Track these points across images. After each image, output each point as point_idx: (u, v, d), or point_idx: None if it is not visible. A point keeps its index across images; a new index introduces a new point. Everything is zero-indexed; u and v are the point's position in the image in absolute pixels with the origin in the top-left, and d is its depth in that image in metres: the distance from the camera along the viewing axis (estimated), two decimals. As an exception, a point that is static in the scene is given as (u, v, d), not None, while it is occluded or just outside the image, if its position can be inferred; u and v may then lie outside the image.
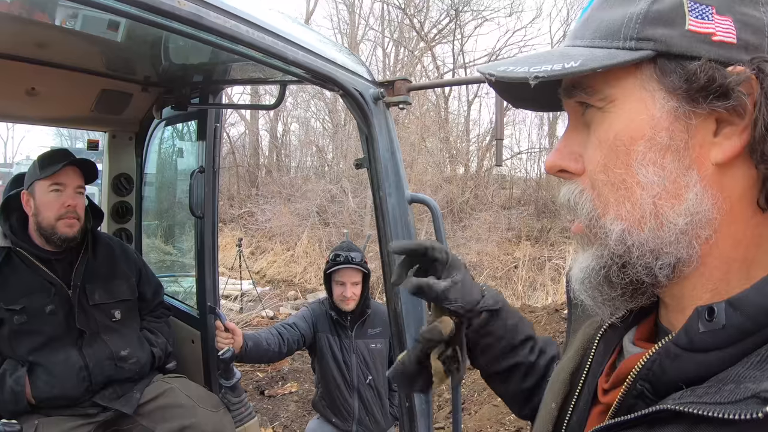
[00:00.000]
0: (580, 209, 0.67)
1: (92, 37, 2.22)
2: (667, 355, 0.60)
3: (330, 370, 3.15)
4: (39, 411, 2.32)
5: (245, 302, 10.20)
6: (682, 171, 0.60)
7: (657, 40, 0.60)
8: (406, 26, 17.79)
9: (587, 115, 0.67)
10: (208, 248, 2.87)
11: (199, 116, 2.84)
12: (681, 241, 0.61)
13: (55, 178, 2.39)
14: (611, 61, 0.60)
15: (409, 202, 1.99)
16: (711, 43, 0.58)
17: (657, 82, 0.61)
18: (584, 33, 0.66)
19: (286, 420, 5.71)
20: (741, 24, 0.59)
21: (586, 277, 0.68)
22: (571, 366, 0.84)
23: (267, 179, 18.37)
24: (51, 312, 2.37)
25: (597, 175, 0.65)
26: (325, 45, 1.81)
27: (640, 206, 0.62)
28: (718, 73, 0.57)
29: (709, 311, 0.57)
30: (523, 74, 0.62)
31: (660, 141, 0.60)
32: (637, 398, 0.63)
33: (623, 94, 0.63)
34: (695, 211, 0.59)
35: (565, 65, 0.61)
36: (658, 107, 0.61)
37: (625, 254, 0.63)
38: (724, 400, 0.51)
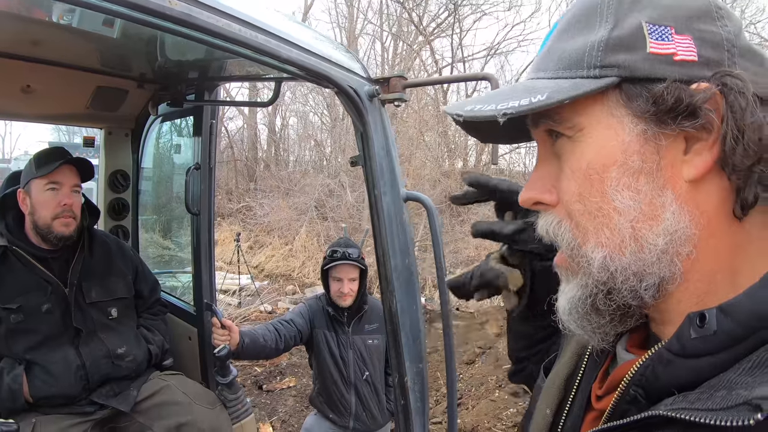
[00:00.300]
0: (560, 240, 0.68)
1: (87, 33, 2.21)
2: (660, 360, 0.61)
3: (327, 366, 3.15)
4: (36, 409, 2.33)
5: (243, 297, 10.21)
6: (656, 192, 0.61)
7: (620, 66, 0.61)
8: (404, 20, 17.73)
9: (557, 145, 0.67)
10: (205, 245, 2.86)
11: (195, 113, 2.83)
12: (663, 261, 0.61)
13: (51, 176, 2.39)
14: (577, 91, 0.61)
15: (404, 200, 1.99)
16: (673, 63, 0.59)
17: (624, 107, 0.61)
18: (547, 65, 0.67)
19: (284, 415, 5.72)
20: (700, 41, 0.60)
21: (573, 307, 0.68)
22: (565, 372, 0.84)
23: (265, 173, 18.34)
24: (47, 311, 2.37)
25: (573, 206, 0.65)
26: (319, 42, 1.81)
27: (618, 231, 0.62)
28: (684, 92, 0.58)
29: (701, 317, 0.58)
30: (491, 112, 0.62)
31: (632, 165, 0.61)
32: (630, 404, 0.63)
33: (591, 122, 0.63)
34: (674, 229, 0.60)
35: (532, 99, 0.61)
36: (627, 132, 0.61)
37: (610, 280, 0.64)
38: (716, 407, 0.51)
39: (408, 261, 1.97)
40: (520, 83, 0.69)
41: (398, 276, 1.93)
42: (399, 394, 1.95)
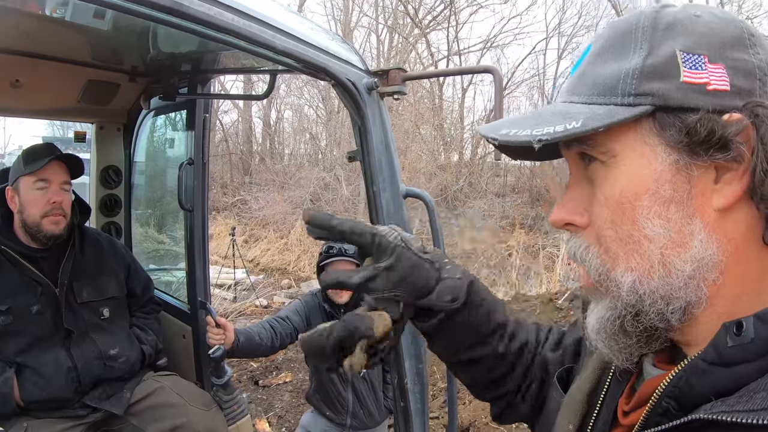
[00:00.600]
0: (588, 265, 0.69)
1: (78, 26, 2.15)
2: (694, 371, 0.61)
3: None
4: (28, 413, 2.28)
5: (239, 291, 10.17)
6: (686, 220, 0.62)
7: (654, 95, 0.61)
8: (400, 12, 17.62)
9: (590, 169, 0.68)
10: (198, 241, 2.81)
11: (188, 106, 2.77)
12: (690, 286, 0.62)
13: (40, 174, 2.33)
14: (611, 119, 0.61)
15: (404, 197, 1.94)
16: (706, 93, 0.60)
17: (657, 136, 0.62)
18: (581, 89, 0.67)
19: (281, 410, 5.69)
20: (733, 70, 0.60)
21: (602, 327, 0.70)
22: (588, 387, 0.84)
23: (260, 167, 18.26)
24: (38, 312, 2.32)
25: (605, 232, 0.67)
26: (316, 33, 1.75)
27: (648, 257, 0.63)
28: (717, 124, 0.58)
29: (738, 326, 0.59)
30: (526, 138, 0.63)
31: (664, 194, 0.62)
32: (662, 416, 0.63)
33: (625, 149, 0.64)
34: (701, 256, 0.61)
35: (567, 126, 0.62)
36: (659, 161, 0.62)
37: (638, 303, 0.65)
38: (757, 407, 0.53)
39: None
40: (555, 106, 0.69)
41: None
42: (398, 395, 1.91)
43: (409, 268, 0.89)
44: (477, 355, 1.00)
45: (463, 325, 0.96)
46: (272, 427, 5.36)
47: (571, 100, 0.68)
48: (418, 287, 0.90)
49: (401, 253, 0.89)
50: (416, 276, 0.90)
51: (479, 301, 0.97)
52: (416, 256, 0.91)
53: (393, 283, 0.88)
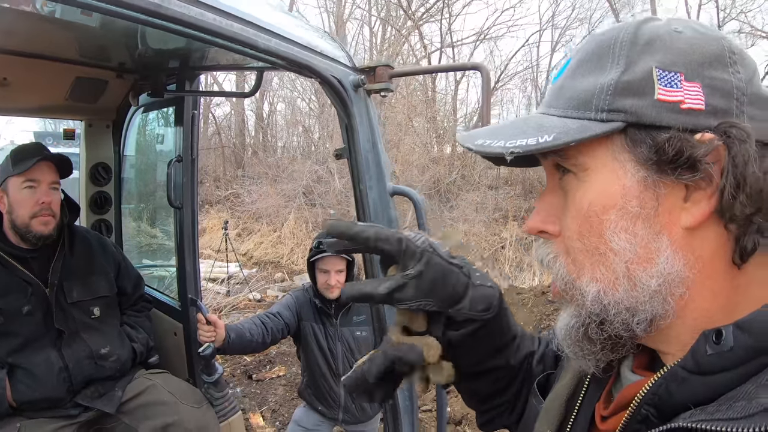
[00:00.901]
0: (555, 273, 0.70)
1: (66, 23, 2.14)
2: (674, 379, 0.61)
3: (315, 359, 3.13)
4: (20, 414, 2.28)
5: (232, 285, 10.16)
6: (652, 237, 0.62)
7: (627, 112, 0.61)
8: (393, 5, 17.53)
9: (564, 180, 0.69)
10: (188, 238, 2.80)
11: (176, 103, 2.76)
12: (655, 300, 0.63)
13: (28, 174, 2.32)
14: (583, 134, 0.62)
15: (391, 195, 1.94)
16: (679, 112, 0.60)
17: (628, 152, 0.62)
18: (558, 102, 0.68)
19: (275, 404, 5.71)
20: (709, 89, 0.60)
21: (567, 334, 0.70)
22: (566, 393, 0.84)
23: (253, 160, 18.21)
24: (28, 312, 2.31)
25: (572, 243, 0.67)
26: (301, 31, 1.74)
27: (613, 270, 0.64)
28: (686, 144, 0.58)
29: (717, 334, 0.59)
30: (499, 149, 0.64)
31: (631, 210, 0.63)
32: (641, 423, 0.64)
33: (596, 164, 0.64)
34: (667, 272, 0.62)
35: (539, 139, 0.63)
36: (629, 177, 0.63)
37: (602, 312, 0.66)
38: (736, 416, 0.52)
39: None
40: (532, 118, 0.70)
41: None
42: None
43: (440, 275, 0.82)
44: (491, 365, 0.96)
45: (490, 335, 0.92)
46: (266, 420, 5.37)
47: (549, 112, 0.69)
48: (448, 295, 0.83)
49: (430, 259, 0.81)
50: (447, 284, 0.83)
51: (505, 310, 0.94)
52: (446, 262, 0.83)
53: (423, 292, 0.81)
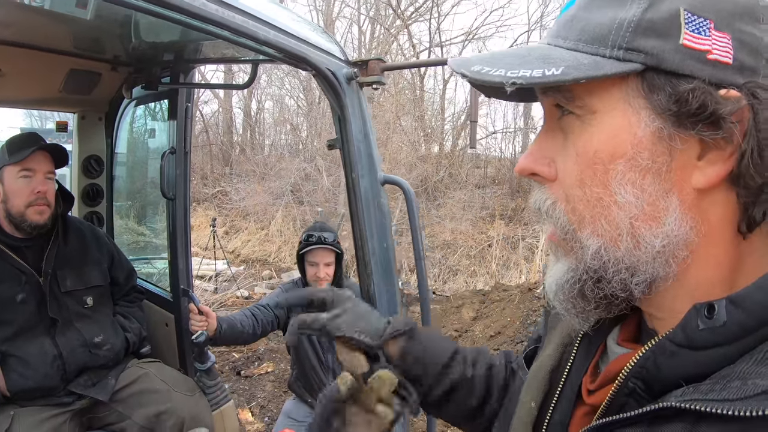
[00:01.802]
0: (555, 221, 0.65)
1: (60, 15, 2.15)
2: (662, 352, 0.58)
3: (305, 351, 3.15)
4: (14, 402, 2.29)
5: (220, 282, 10.14)
6: (661, 194, 0.58)
7: (647, 53, 0.56)
8: (382, 3, 17.57)
9: (564, 120, 0.63)
10: (180, 230, 2.83)
11: (170, 96, 2.78)
12: (657, 261, 0.60)
13: (24, 163, 2.34)
14: (596, 72, 0.56)
15: (382, 184, 1.99)
16: (705, 62, 0.55)
17: (643, 98, 0.57)
18: (568, 33, 0.62)
19: (263, 400, 5.72)
20: (739, 43, 0.55)
21: (560, 289, 0.67)
22: (551, 364, 0.82)
23: (240, 158, 18.15)
24: (22, 301, 2.33)
25: (572, 190, 0.63)
26: (297, 24, 1.79)
27: (616, 225, 0.60)
28: (710, 98, 0.54)
29: (709, 308, 0.56)
30: (499, 79, 0.58)
31: (641, 162, 0.58)
32: (629, 396, 0.61)
33: (606, 107, 0.59)
34: (674, 234, 0.58)
35: (546, 72, 0.57)
36: (642, 126, 0.58)
37: (601, 269, 0.62)
38: (732, 397, 0.50)
39: (385, 244, 1.98)
40: (536, 48, 0.64)
41: (376, 259, 1.94)
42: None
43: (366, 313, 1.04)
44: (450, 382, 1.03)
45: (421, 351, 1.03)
46: (255, 416, 5.39)
47: (556, 43, 0.62)
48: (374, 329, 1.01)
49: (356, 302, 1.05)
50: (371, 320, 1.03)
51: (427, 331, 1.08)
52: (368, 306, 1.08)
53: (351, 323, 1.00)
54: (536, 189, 0.68)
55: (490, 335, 6.84)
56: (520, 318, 6.97)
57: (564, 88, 0.60)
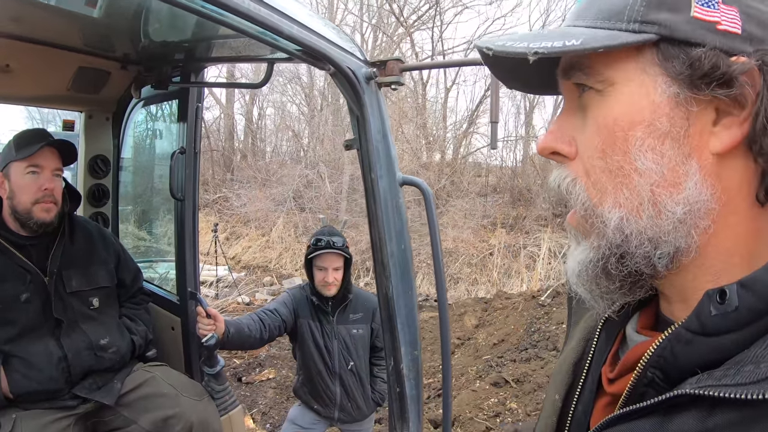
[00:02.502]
0: (574, 199, 0.66)
1: (70, 12, 2.12)
2: (679, 340, 0.59)
3: (311, 356, 3.12)
4: (17, 405, 2.23)
5: (221, 288, 10.11)
6: (681, 159, 0.60)
7: (661, 24, 0.59)
8: (385, 11, 17.63)
9: (584, 97, 0.65)
10: (189, 232, 2.78)
11: (180, 96, 2.74)
12: (679, 230, 0.60)
13: (32, 159, 2.28)
14: (613, 41, 0.59)
15: (400, 185, 1.96)
16: (715, 32, 0.57)
17: (659, 66, 0.60)
18: (586, 14, 0.65)
19: (264, 407, 5.68)
20: (746, 15, 0.58)
21: (583, 269, 0.67)
22: (574, 357, 0.83)
23: (242, 164, 18.15)
24: (26, 300, 2.27)
25: (593, 161, 0.64)
26: (317, 21, 1.75)
27: (638, 193, 0.61)
28: (722, 60, 0.56)
29: (721, 294, 0.56)
30: (523, 50, 0.61)
31: (660, 127, 0.60)
32: (648, 386, 0.62)
33: (623, 78, 0.62)
34: (694, 200, 0.59)
35: (566, 43, 0.60)
36: (659, 92, 0.60)
37: (624, 243, 0.63)
38: (744, 381, 0.50)
39: (403, 246, 1.95)
40: (556, 28, 0.67)
41: (394, 261, 1.90)
42: (394, 380, 1.92)
43: None
44: None
45: None
46: (256, 423, 5.34)
47: (575, 23, 0.66)
48: None
49: None
50: None
51: None
52: None
53: None
54: (556, 168, 0.69)
55: (494, 343, 6.80)
56: (524, 326, 6.93)
57: (584, 64, 0.63)
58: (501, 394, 5.42)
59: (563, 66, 0.67)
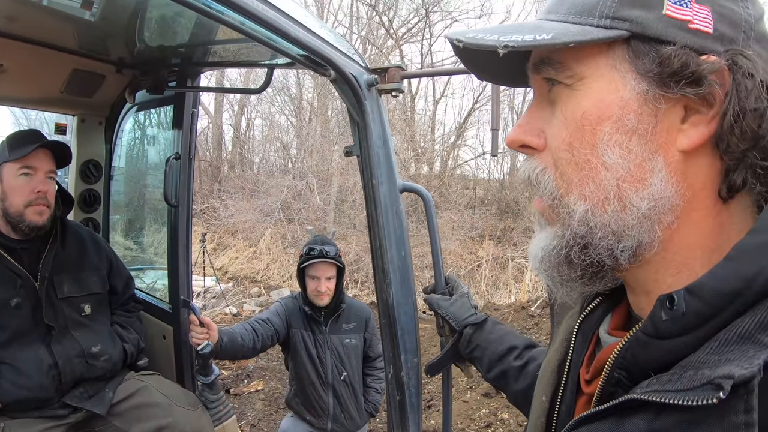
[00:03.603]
0: (543, 188, 0.67)
1: (65, 14, 2.10)
2: (638, 343, 0.61)
3: (304, 367, 3.08)
4: (6, 413, 2.17)
5: (208, 299, 10.00)
6: (647, 155, 0.61)
7: (632, 21, 0.60)
8: (375, 23, 17.73)
9: (553, 91, 0.66)
10: (182, 239, 2.75)
11: (176, 101, 2.72)
12: (643, 225, 0.61)
13: (25, 161, 2.25)
14: (584, 37, 0.60)
15: (400, 191, 1.95)
16: (687, 30, 0.58)
17: (629, 63, 0.61)
18: (559, 8, 0.65)
19: (253, 419, 5.60)
20: (718, 15, 0.59)
21: (546, 255, 0.68)
22: (557, 359, 0.85)
23: (230, 174, 18.06)
24: (17, 305, 2.23)
25: (561, 153, 0.65)
26: (320, 26, 1.75)
27: (603, 187, 0.62)
28: (692, 59, 0.57)
29: (670, 300, 0.58)
30: (493, 42, 0.61)
31: (627, 123, 0.61)
32: (616, 386, 0.64)
33: (593, 73, 0.62)
34: (659, 196, 0.60)
35: (537, 37, 0.60)
36: (628, 89, 0.61)
37: (588, 235, 0.64)
38: (683, 387, 0.52)
39: (404, 252, 1.93)
40: (528, 21, 0.67)
41: (394, 268, 1.89)
42: (394, 388, 1.90)
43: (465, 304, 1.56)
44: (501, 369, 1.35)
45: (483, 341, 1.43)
46: (244, 435, 5.27)
47: (548, 17, 0.66)
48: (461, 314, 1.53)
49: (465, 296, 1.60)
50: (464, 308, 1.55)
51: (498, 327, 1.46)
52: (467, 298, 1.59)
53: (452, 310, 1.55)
54: (526, 160, 0.70)
55: (484, 355, 6.76)
56: (514, 338, 6.92)
57: (554, 59, 0.64)
58: (492, 404, 5.39)
59: (533, 60, 0.67)
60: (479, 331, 1.43)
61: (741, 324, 0.53)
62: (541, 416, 0.84)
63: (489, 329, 1.44)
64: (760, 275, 0.54)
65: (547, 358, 0.87)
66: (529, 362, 1.29)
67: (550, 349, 0.88)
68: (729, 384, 0.48)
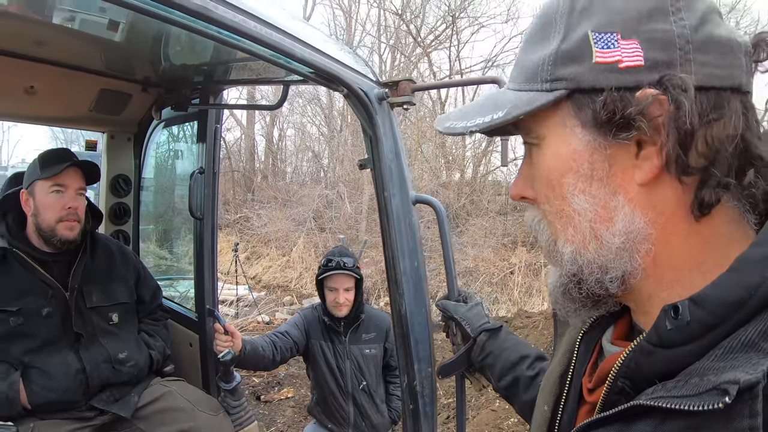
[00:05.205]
0: (540, 236, 0.74)
1: (92, 36, 2.20)
2: (642, 352, 0.63)
3: (324, 376, 3.11)
4: (35, 414, 2.28)
5: (241, 307, 10.15)
6: (609, 196, 0.65)
7: (567, 79, 0.63)
8: (402, 32, 17.81)
9: (531, 150, 0.72)
10: (207, 250, 2.83)
11: (200, 117, 2.82)
12: (622, 257, 0.65)
13: (56, 179, 2.35)
14: (530, 106, 0.65)
15: (413, 203, 1.98)
16: (618, 71, 0.60)
17: (574, 117, 0.65)
18: (516, 77, 0.70)
19: (283, 425, 5.67)
20: (648, 43, 0.60)
21: (553, 291, 0.75)
22: (559, 369, 0.88)
23: (263, 184, 18.32)
24: (48, 314, 2.33)
25: (544, 206, 0.72)
26: (329, 44, 1.80)
27: (581, 230, 0.67)
28: (619, 103, 0.60)
29: (675, 309, 0.60)
30: (461, 129, 0.70)
31: (584, 172, 0.65)
32: (619, 394, 0.66)
33: (549, 132, 0.68)
34: (628, 230, 0.64)
35: (493, 116, 0.67)
36: (576, 141, 0.65)
37: (578, 272, 0.69)
38: (689, 393, 0.54)
39: (416, 263, 1.96)
40: (493, 95, 0.74)
41: (407, 279, 1.91)
42: (408, 397, 1.92)
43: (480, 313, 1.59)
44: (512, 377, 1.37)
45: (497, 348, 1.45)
46: (274, 442, 5.33)
47: (509, 86, 0.72)
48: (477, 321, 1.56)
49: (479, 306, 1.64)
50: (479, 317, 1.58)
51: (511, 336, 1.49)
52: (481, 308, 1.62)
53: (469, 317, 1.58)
54: (528, 209, 0.77)
55: (514, 363, 6.70)
56: (545, 344, 6.84)
57: (519, 125, 0.70)
58: (521, 414, 5.33)
59: (510, 126, 0.71)
60: (494, 338, 1.47)
61: (745, 332, 0.55)
62: (542, 425, 0.86)
63: (503, 337, 1.48)
64: (762, 285, 0.55)
65: (550, 368, 0.90)
66: (540, 373, 1.31)
67: (553, 360, 0.91)
68: (735, 389, 0.50)
